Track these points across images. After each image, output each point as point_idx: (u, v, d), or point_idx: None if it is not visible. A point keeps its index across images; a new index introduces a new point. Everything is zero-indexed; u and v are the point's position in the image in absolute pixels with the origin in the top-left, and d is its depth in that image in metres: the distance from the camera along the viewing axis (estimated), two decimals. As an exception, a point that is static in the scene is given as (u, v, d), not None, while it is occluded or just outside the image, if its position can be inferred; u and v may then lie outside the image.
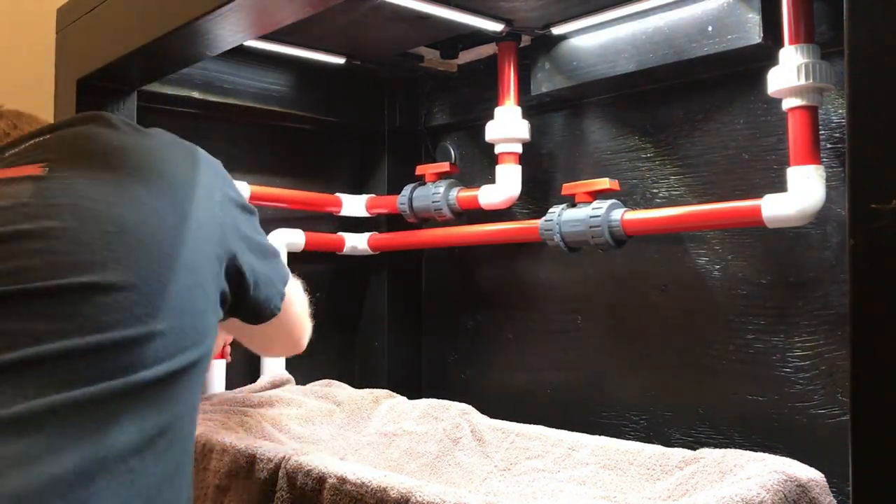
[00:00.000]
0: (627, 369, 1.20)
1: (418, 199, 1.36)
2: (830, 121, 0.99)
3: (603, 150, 1.25)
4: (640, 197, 1.19)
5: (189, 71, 1.25)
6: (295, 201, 1.43)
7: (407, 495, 0.74)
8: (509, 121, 1.24)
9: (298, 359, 1.42)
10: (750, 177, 1.07)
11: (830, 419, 0.98)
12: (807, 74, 0.91)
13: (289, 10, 0.90)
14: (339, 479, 0.80)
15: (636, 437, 1.16)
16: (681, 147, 1.15)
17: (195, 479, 0.97)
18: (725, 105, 1.10)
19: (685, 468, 0.90)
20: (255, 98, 1.37)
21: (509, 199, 1.26)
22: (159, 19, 0.95)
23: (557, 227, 1.16)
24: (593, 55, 1.16)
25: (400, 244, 1.46)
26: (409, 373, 1.52)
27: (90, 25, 1.12)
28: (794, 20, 0.93)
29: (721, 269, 1.10)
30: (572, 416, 1.23)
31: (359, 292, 1.57)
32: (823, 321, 1.00)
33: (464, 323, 1.45)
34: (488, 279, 1.42)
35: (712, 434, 1.09)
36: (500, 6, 1.10)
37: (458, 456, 1.11)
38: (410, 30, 1.20)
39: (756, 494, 0.73)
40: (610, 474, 0.96)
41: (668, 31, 1.08)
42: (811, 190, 0.93)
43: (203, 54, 1.06)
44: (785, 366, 1.03)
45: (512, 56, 1.25)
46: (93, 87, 1.13)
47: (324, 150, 1.54)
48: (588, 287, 1.26)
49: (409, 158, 1.53)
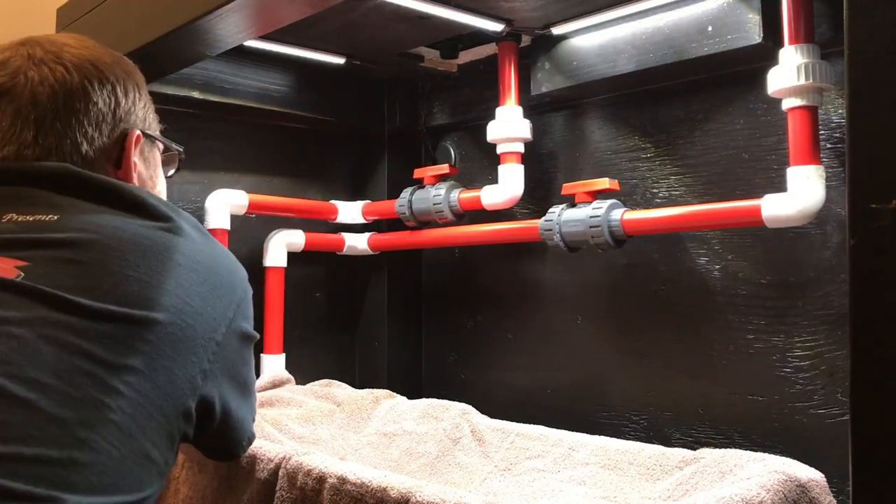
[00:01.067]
0: (627, 369, 1.20)
1: (418, 202, 1.36)
2: (830, 121, 0.99)
3: (603, 150, 1.25)
4: (640, 197, 1.19)
5: (189, 71, 1.25)
6: (291, 209, 1.43)
7: (407, 495, 0.74)
8: (511, 120, 1.24)
9: (298, 359, 1.42)
10: (750, 177, 1.07)
11: (830, 419, 0.98)
12: (807, 74, 0.91)
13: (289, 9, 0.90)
14: (339, 479, 0.80)
15: (636, 437, 1.16)
16: (681, 147, 1.15)
17: (195, 479, 0.97)
18: (725, 105, 1.10)
19: (685, 468, 0.91)
20: (255, 98, 1.37)
21: (512, 199, 1.26)
22: (159, 19, 0.95)
23: (557, 227, 1.16)
24: (593, 55, 1.16)
25: (400, 244, 1.46)
26: (409, 373, 1.53)
27: (90, 25, 1.12)
28: (794, 20, 0.93)
29: (721, 269, 1.10)
30: (572, 416, 1.23)
31: (359, 292, 1.57)
32: (823, 321, 1.00)
33: (464, 323, 1.45)
34: (488, 279, 1.42)
35: (712, 434, 1.09)
36: (500, 6, 1.10)
37: (458, 456, 1.11)
38: (410, 30, 1.20)
39: (756, 494, 0.74)
40: (610, 474, 0.96)
41: (668, 31, 1.08)
42: (811, 190, 0.93)
43: (203, 54, 1.06)
44: (785, 366, 1.03)
45: (512, 56, 1.25)
46: (93, 87, 1.13)
47: (323, 150, 1.54)
48: (588, 287, 1.26)
49: (409, 158, 1.53)
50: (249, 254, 1.40)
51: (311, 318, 1.50)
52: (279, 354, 1.38)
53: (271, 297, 1.39)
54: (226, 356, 0.68)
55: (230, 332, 0.69)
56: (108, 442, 0.57)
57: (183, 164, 0.94)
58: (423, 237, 1.41)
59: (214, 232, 1.30)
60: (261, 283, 1.39)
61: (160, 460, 0.62)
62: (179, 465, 1.00)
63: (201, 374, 0.65)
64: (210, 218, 1.30)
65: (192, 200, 1.35)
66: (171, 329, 0.62)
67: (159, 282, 0.63)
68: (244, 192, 1.34)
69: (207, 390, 0.66)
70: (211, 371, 0.66)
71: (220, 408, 0.69)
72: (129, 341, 0.60)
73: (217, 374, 0.67)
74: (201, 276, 0.67)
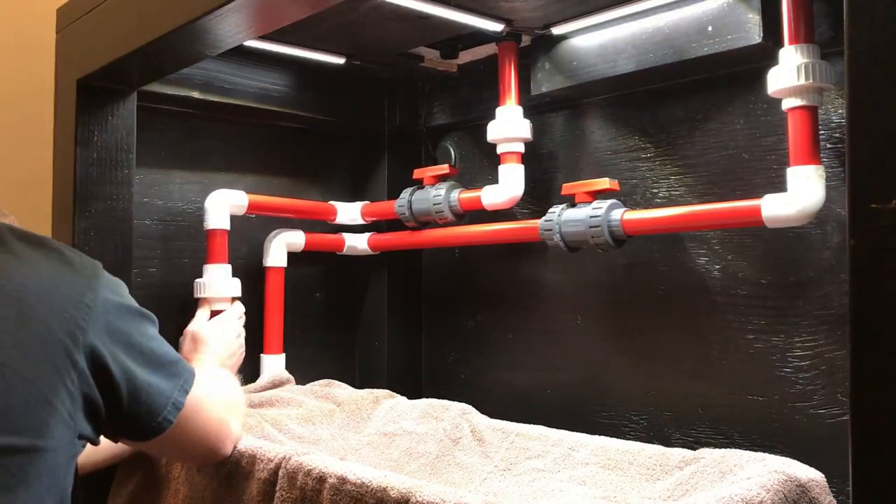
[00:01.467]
0: (627, 369, 1.20)
1: (418, 202, 1.36)
2: (830, 121, 0.99)
3: (603, 150, 1.25)
4: (640, 197, 1.19)
5: (189, 71, 1.25)
6: (290, 209, 1.42)
7: (407, 495, 0.74)
8: (511, 120, 1.24)
9: (298, 359, 1.42)
10: (750, 177, 1.07)
11: (830, 419, 0.99)
12: (807, 74, 0.91)
13: (289, 9, 0.90)
14: (339, 479, 0.80)
15: (636, 437, 1.16)
16: (681, 147, 1.15)
17: (195, 479, 0.97)
18: (725, 105, 1.10)
19: (685, 468, 0.91)
20: (255, 98, 1.37)
21: (513, 199, 1.26)
22: (159, 19, 0.95)
23: (557, 227, 1.16)
24: (593, 55, 1.16)
25: (400, 244, 1.46)
26: (409, 373, 1.53)
27: (90, 25, 1.12)
28: (794, 20, 0.93)
29: (721, 269, 1.10)
30: (572, 416, 1.23)
31: (359, 292, 1.57)
32: (823, 321, 1.00)
33: (464, 323, 1.45)
34: (488, 279, 1.42)
35: (712, 434, 1.10)
36: (500, 6, 1.10)
37: (458, 456, 1.11)
38: (410, 30, 1.20)
39: (756, 494, 0.74)
40: (610, 474, 0.96)
41: (668, 31, 1.08)
42: (811, 190, 0.93)
43: (203, 54, 1.06)
44: (785, 366, 1.03)
45: (512, 56, 1.25)
46: (93, 87, 1.13)
47: (323, 150, 1.54)
48: (588, 287, 1.26)
49: (409, 159, 1.53)
50: (249, 254, 1.40)
51: (311, 318, 1.50)
52: (279, 354, 1.38)
53: (271, 297, 1.39)
54: (106, 320, 0.74)
55: (101, 300, 0.74)
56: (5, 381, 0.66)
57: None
58: (423, 237, 1.41)
59: (214, 232, 1.30)
60: (261, 283, 1.39)
61: (62, 409, 0.69)
62: (179, 464, 1.00)
63: (80, 330, 0.71)
64: (210, 218, 1.30)
65: (191, 200, 1.35)
66: None
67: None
68: (244, 192, 1.34)
69: (93, 344, 0.72)
70: (93, 328, 0.72)
71: (121, 377, 0.74)
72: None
73: (102, 333, 0.73)
74: (35, 258, 0.74)
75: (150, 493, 1.03)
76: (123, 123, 1.16)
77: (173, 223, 1.34)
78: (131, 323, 0.78)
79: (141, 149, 1.20)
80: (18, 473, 0.66)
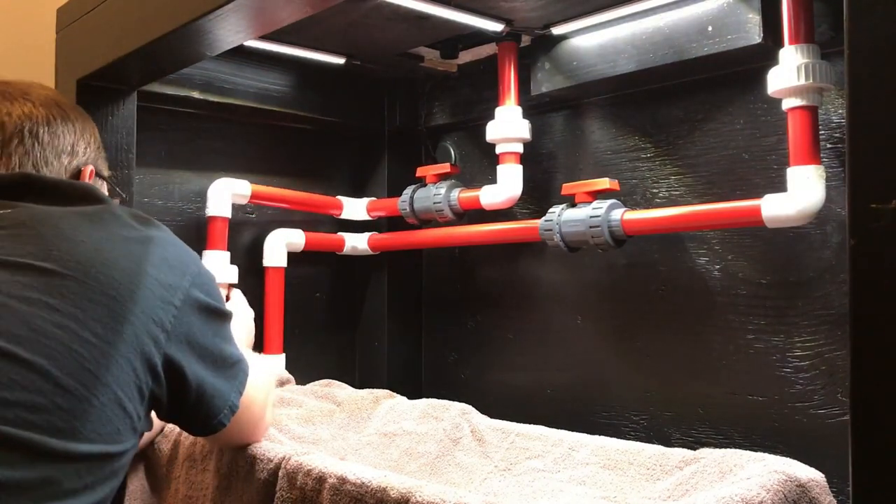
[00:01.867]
0: (627, 369, 1.20)
1: (419, 200, 1.36)
2: (830, 121, 0.99)
3: (603, 150, 1.25)
4: (640, 197, 1.19)
5: (189, 71, 1.25)
6: (296, 202, 1.43)
7: (407, 495, 0.74)
8: (510, 120, 1.24)
9: (298, 359, 1.42)
10: (750, 177, 1.07)
11: (830, 419, 0.98)
12: (807, 74, 0.91)
13: (289, 10, 0.90)
14: (339, 479, 0.80)
15: (636, 437, 1.16)
16: (681, 147, 1.15)
17: (195, 479, 0.97)
18: (725, 105, 1.10)
19: (685, 468, 0.91)
20: (255, 98, 1.37)
21: (511, 199, 1.26)
22: (159, 19, 0.95)
23: (557, 226, 1.16)
24: (593, 55, 1.16)
25: (400, 244, 1.46)
26: (409, 373, 1.53)
27: (90, 25, 1.12)
28: (794, 20, 0.93)
29: (721, 269, 1.10)
30: (572, 416, 1.23)
31: (359, 292, 1.57)
32: (823, 321, 1.00)
33: (464, 323, 1.45)
34: (488, 279, 1.42)
35: (712, 434, 1.10)
36: (500, 6, 1.10)
37: (458, 456, 1.11)
38: (410, 30, 1.20)
39: (756, 494, 0.74)
40: (610, 474, 0.96)
41: (668, 31, 1.08)
42: (811, 190, 0.93)
43: (203, 54, 1.06)
44: (785, 366, 1.03)
45: (512, 56, 1.25)
46: (93, 88, 1.13)
47: (323, 150, 1.54)
48: (588, 287, 1.26)
49: (409, 158, 1.53)
50: (249, 254, 1.40)
51: (311, 318, 1.50)
52: (279, 354, 1.38)
53: (271, 297, 1.39)
54: (188, 323, 0.73)
55: (188, 300, 0.74)
56: (88, 390, 0.64)
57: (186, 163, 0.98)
58: (424, 237, 1.41)
59: (215, 219, 1.30)
60: (261, 283, 1.39)
61: (133, 413, 0.68)
62: (179, 464, 1.00)
63: (164, 334, 0.71)
64: (211, 204, 1.30)
65: (192, 201, 1.35)
66: (87, 283, 0.68)
67: (80, 240, 0.70)
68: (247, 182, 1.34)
69: (172, 352, 0.72)
70: (175, 334, 0.72)
71: (192, 378, 0.74)
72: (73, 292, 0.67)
73: (182, 340, 0.73)
74: (134, 243, 0.73)
75: (150, 493, 1.03)
76: (123, 123, 1.16)
77: (173, 223, 1.34)
78: (210, 325, 0.77)
79: (141, 149, 1.19)
80: (87, 477, 0.65)
